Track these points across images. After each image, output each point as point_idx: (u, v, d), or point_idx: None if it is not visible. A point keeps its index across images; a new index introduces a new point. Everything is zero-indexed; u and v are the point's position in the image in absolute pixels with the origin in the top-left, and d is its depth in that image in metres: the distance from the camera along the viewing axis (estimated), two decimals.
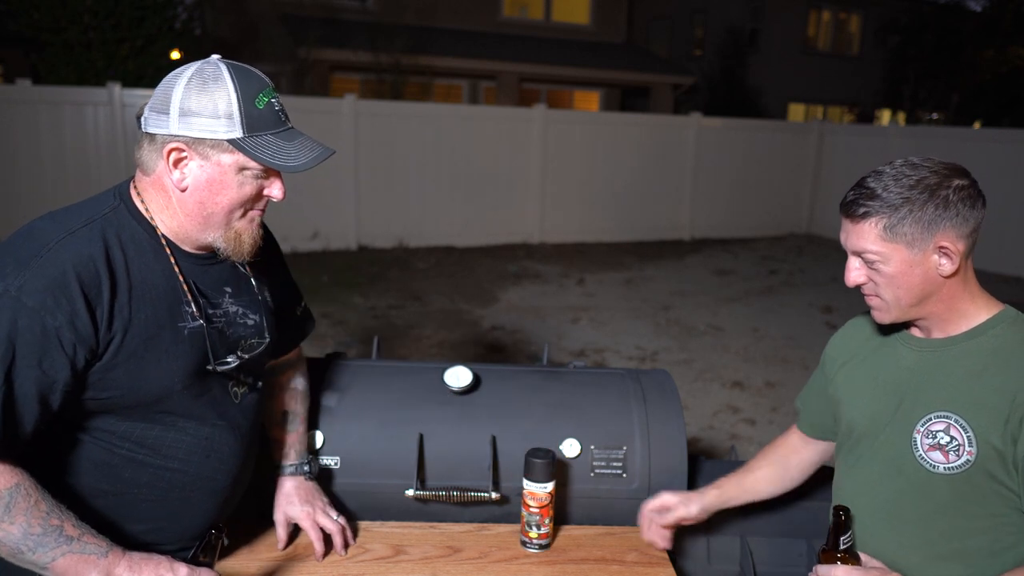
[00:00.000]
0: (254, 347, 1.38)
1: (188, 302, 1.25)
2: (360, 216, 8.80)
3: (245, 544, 1.54)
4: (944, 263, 1.21)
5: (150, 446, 1.26)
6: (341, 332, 5.59)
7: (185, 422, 1.28)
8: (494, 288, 7.26)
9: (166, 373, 1.22)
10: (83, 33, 8.27)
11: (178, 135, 1.17)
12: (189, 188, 1.21)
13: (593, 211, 9.99)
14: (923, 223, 1.18)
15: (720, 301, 7.07)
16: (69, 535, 1.10)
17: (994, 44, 15.84)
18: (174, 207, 1.23)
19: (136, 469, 1.26)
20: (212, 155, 1.19)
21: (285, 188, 1.30)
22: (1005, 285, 8.02)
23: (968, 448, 1.20)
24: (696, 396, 4.61)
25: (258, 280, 1.41)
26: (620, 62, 15.39)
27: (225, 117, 1.16)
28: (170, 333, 1.22)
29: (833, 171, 10.95)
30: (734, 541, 1.79)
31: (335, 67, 12.72)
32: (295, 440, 1.58)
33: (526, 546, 1.57)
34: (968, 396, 1.22)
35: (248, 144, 1.19)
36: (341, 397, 1.72)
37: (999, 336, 1.24)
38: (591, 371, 1.88)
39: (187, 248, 1.28)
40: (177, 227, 1.25)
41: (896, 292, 1.25)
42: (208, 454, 1.32)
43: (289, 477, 1.55)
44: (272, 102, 1.22)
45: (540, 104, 9.86)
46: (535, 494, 1.53)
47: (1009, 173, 8.66)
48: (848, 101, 18.67)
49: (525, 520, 1.56)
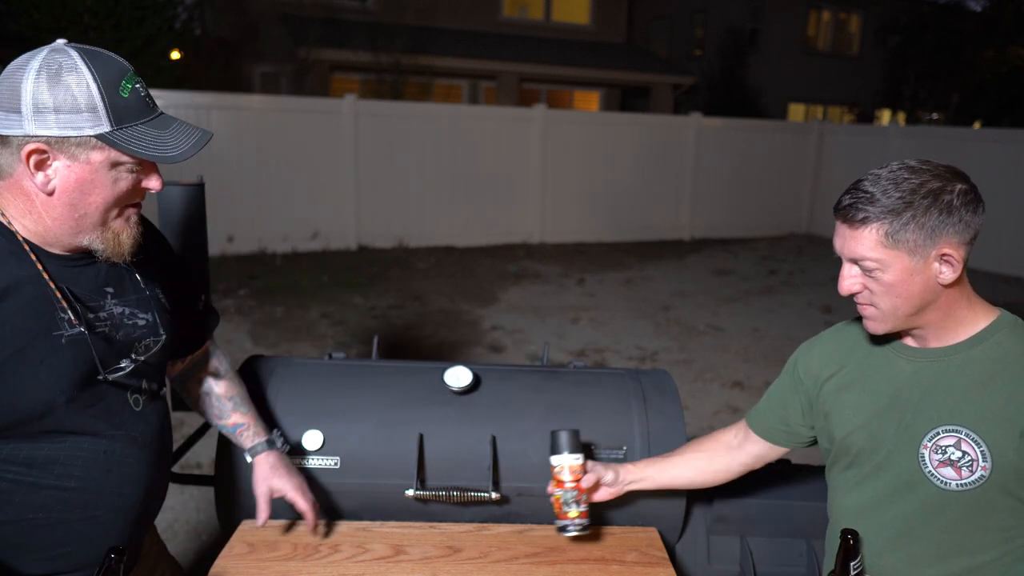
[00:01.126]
0: (150, 347, 1.27)
1: (63, 308, 1.13)
2: (360, 216, 8.80)
3: (245, 544, 1.54)
4: (945, 271, 1.15)
5: (40, 466, 1.14)
6: (341, 332, 5.59)
7: (77, 438, 1.17)
8: (494, 288, 7.26)
9: (45, 386, 1.11)
10: (83, 33, 8.26)
11: (36, 135, 1.04)
12: (56, 191, 1.09)
13: (593, 211, 9.99)
14: (926, 229, 1.12)
15: (720, 301, 7.07)
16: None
17: (994, 44, 15.83)
18: (39, 211, 1.11)
19: (27, 493, 1.14)
20: (79, 153, 1.07)
21: (162, 177, 1.19)
22: (1005, 285, 8.02)
23: (982, 463, 1.15)
24: (696, 396, 4.61)
25: (144, 276, 1.29)
26: (620, 62, 15.39)
27: (88, 111, 1.05)
28: (45, 343, 1.11)
29: (833, 171, 10.96)
30: (734, 541, 1.79)
31: (335, 67, 12.72)
32: (253, 419, 1.54)
33: (566, 530, 1.47)
34: (977, 408, 1.17)
35: (119, 138, 1.07)
36: (341, 397, 1.72)
37: (1001, 344, 1.19)
38: (591, 371, 1.88)
39: (55, 251, 1.15)
40: (44, 231, 1.13)
41: (894, 301, 1.19)
42: (109, 469, 1.21)
43: (267, 452, 1.52)
44: (137, 88, 1.10)
45: (540, 104, 9.86)
46: (570, 466, 1.45)
47: (1009, 173, 8.67)
48: (848, 101, 18.67)
49: (562, 501, 1.46)
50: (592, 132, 9.90)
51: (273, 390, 1.70)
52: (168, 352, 1.34)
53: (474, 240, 9.37)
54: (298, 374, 1.75)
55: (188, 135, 1.14)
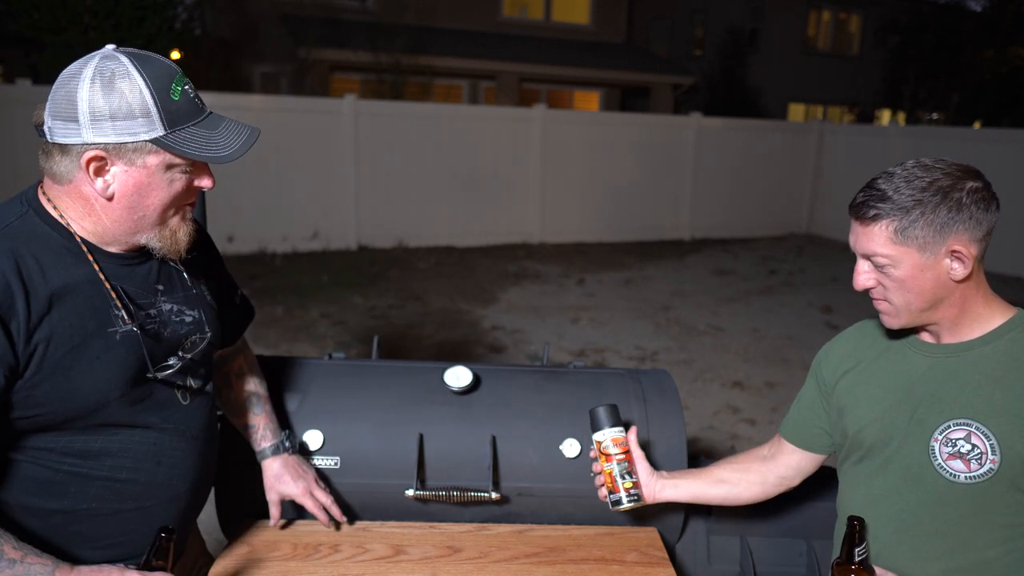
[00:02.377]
0: (197, 344, 1.31)
1: (117, 307, 1.17)
2: (360, 216, 8.80)
3: (245, 544, 1.54)
4: (956, 267, 1.17)
5: (94, 457, 1.19)
6: (341, 332, 5.59)
7: (129, 431, 1.22)
8: (494, 288, 7.26)
9: (100, 382, 1.15)
10: (83, 33, 8.26)
11: (94, 142, 1.08)
12: (116, 195, 1.13)
13: (593, 211, 9.99)
14: (935, 226, 1.15)
15: (720, 301, 7.07)
16: (11, 558, 1.04)
17: (994, 44, 15.83)
18: (98, 213, 1.15)
19: (82, 484, 1.19)
20: (136, 158, 1.11)
21: (214, 176, 1.24)
22: (1005, 285, 8.02)
23: (991, 456, 1.16)
24: (696, 396, 4.61)
25: (191, 274, 1.34)
26: (620, 62, 15.39)
27: (142, 116, 1.08)
28: (99, 340, 1.15)
29: (833, 171, 10.95)
30: (734, 541, 1.79)
31: (335, 67, 12.72)
32: (265, 421, 1.56)
33: (621, 504, 1.46)
34: (989, 403, 1.18)
35: (173, 141, 1.11)
36: (341, 397, 1.72)
37: (1016, 340, 1.20)
38: (591, 371, 1.88)
39: (112, 249, 1.20)
40: (103, 231, 1.17)
41: (906, 296, 1.21)
42: (159, 461, 1.26)
43: (273, 458, 1.54)
44: (187, 90, 1.14)
45: (540, 104, 9.86)
46: (614, 439, 1.46)
47: (1009, 173, 8.67)
48: (848, 101, 18.66)
49: (615, 474, 1.45)
50: (592, 132, 9.89)
51: (273, 390, 1.70)
52: (214, 348, 1.38)
53: (474, 240, 9.37)
54: (298, 374, 1.75)
55: (238, 134, 1.18)
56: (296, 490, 1.53)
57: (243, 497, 1.62)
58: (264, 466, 1.55)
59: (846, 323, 1.52)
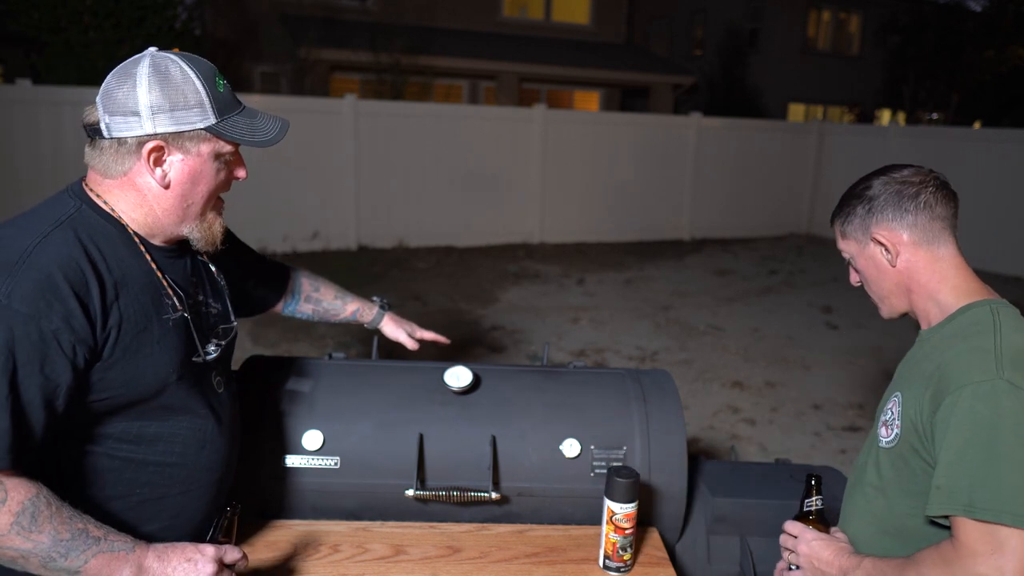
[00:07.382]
0: (227, 333, 1.41)
1: (168, 295, 1.26)
2: (360, 216, 8.80)
3: (245, 544, 1.54)
4: (881, 252, 1.30)
5: (147, 442, 1.26)
6: (341, 332, 5.59)
7: (180, 416, 1.29)
8: (494, 288, 7.26)
9: (160, 365, 1.22)
10: (83, 33, 8.26)
11: (155, 133, 1.17)
12: (172, 183, 1.22)
13: (593, 211, 9.99)
14: (858, 218, 1.32)
15: (720, 301, 7.07)
16: (96, 536, 1.11)
17: (994, 44, 15.84)
18: (150, 204, 1.23)
19: (136, 469, 1.25)
20: (191, 147, 1.21)
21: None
22: (1005, 285, 8.02)
23: (897, 422, 1.26)
24: (696, 396, 4.61)
25: (217, 267, 1.44)
26: (620, 62, 15.39)
27: (197, 106, 1.18)
28: (158, 325, 1.22)
29: (833, 171, 10.95)
30: (734, 541, 1.79)
31: (335, 67, 12.72)
32: (359, 301, 1.92)
33: (618, 571, 1.51)
34: (914, 375, 1.27)
35: (224, 128, 1.21)
36: (341, 397, 1.72)
37: (959, 322, 1.24)
38: (591, 371, 1.88)
39: (157, 242, 1.28)
40: (152, 222, 1.25)
41: (871, 286, 1.36)
42: (203, 445, 1.33)
43: (387, 317, 1.94)
44: (227, 84, 1.25)
45: (540, 104, 9.86)
46: (629, 515, 1.48)
47: (1009, 173, 8.66)
48: (848, 101, 18.67)
49: (618, 545, 1.49)
50: (592, 132, 9.89)
51: (273, 390, 1.70)
52: (235, 339, 1.46)
53: (474, 240, 9.37)
54: (298, 374, 1.75)
55: (272, 122, 1.29)
56: (399, 333, 1.94)
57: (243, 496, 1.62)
58: (383, 324, 1.95)
59: (846, 323, 1.55)
